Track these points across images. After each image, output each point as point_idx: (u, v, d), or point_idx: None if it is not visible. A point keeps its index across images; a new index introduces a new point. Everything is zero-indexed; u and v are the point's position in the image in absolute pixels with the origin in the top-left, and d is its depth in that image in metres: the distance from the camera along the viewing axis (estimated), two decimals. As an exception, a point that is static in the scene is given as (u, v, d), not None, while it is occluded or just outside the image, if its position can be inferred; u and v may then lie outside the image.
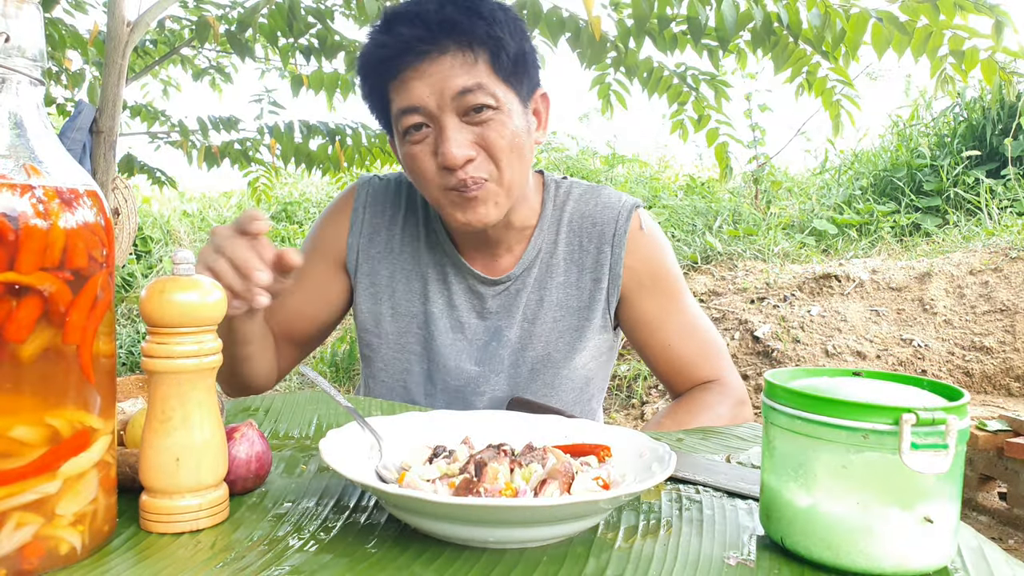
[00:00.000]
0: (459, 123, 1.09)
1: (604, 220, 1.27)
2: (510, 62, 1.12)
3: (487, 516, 0.57)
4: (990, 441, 2.66)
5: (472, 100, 1.08)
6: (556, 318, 1.26)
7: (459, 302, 1.26)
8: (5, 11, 0.54)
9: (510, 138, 1.11)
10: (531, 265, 1.26)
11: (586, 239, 1.27)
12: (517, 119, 1.13)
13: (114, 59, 2.72)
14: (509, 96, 1.12)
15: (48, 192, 0.54)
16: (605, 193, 1.30)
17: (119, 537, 0.61)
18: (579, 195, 1.30)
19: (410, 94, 1.09)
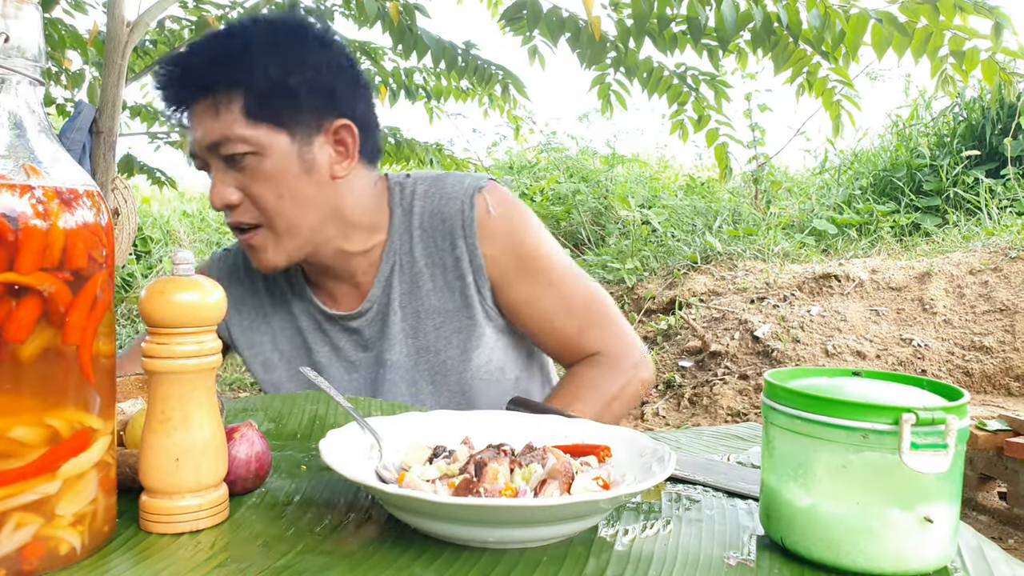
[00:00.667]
0: (224, 168, 1.10)
1: (450, 213, 1.19)
2: (264, 103, 1.07)
3: (487, 516, 0.57)
4: (990, 441, 2.66)
5: (223, 151, 1.08)
6: (437, 325, 1.21)
7: (341, 343, 1.24)
8: (5, 11, 0.54)
9: (275, 182, 1.09)
10: (389, 282, 1.21)
11: (439, 238, 1.20)
12: (284, 160, 1.09)
13: (114, 59, 2.72)
14: (271, 136, 1.08)
15: (48, 192, 0.54)
16: (449, 182, 1.23)
17: (119, 537, 0.61)
18: (424, 192, 1.23)
19: (190, 139, 1.12)
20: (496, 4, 3.16)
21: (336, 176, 1.14)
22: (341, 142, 1.15)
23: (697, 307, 4.42)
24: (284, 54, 1.10)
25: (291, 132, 1.09)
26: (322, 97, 1.12)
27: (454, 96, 3.54)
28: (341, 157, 1.15)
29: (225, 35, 1.15)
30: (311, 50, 1.13)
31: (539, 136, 7.88)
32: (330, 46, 1.16)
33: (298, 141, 1.10)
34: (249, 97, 1.07)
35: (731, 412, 3.61)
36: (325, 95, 1.12)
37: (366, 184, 1.20)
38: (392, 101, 3.36)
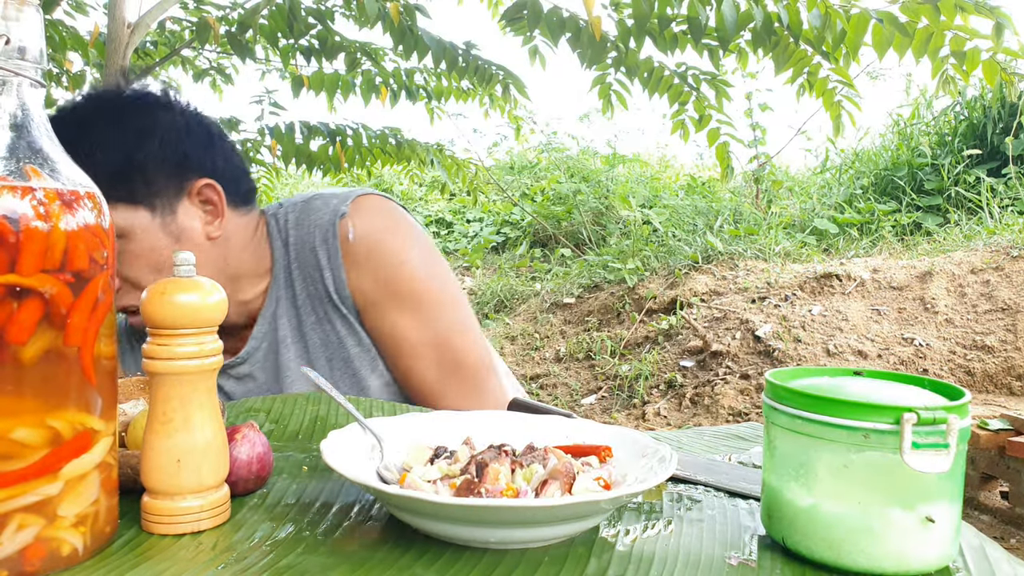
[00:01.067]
0: None
1: (315, 242, 1.13)
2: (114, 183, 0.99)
3: (488, 517, 0.57)
4: (992, 440, 2.66)
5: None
6: (328, 357, 1.16)
7: (237, 395, 1.19)
8: (5, 13, 0.54)
9: (146, 260, 1.04)
10: (275, 318, 1.16)
11: (311, 268, 1.13)
12: (149, 237, 1.04)
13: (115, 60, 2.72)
14: (130, 216, 1.03)
15: (49, 194, 0.54)
16: (315, 207, 1.15)
17: (121, 538, 0.61)
18: (294, 221, 1.16)
19: None
20: (496, 4, 3.17)
21: (211, 237, 1.09)
22: (208, 201, 1.10)
23: (698, 307, 4.42)
24: (125, 130, 1.05)
25: (150, 207, 1.04)
26: (174, 165, 1.06)
27: (455, 96, 3.54)
28: (212, 216, 1.10)
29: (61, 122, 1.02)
30: (154, 119, 1.07)
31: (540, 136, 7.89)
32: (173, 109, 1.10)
33: (159, 214, 1.05)
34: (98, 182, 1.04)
35: (732, 412, 3.61)
36: (176, 162, 1.07)
37: (246, 233, 1.14)
38: (393, 102, 3.36)
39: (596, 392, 4.16)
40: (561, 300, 5.20)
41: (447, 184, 4.10)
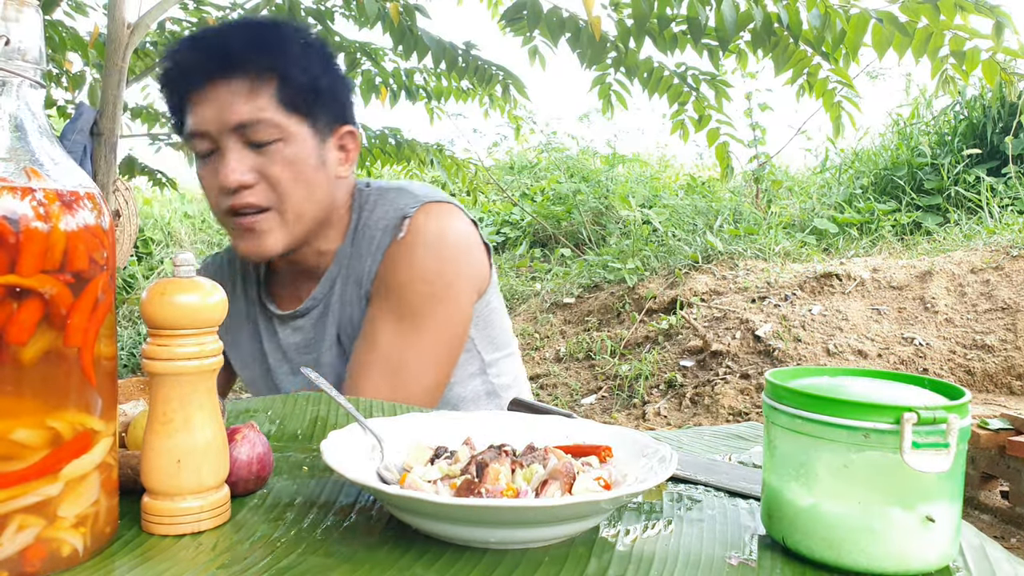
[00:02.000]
0: (240, 148, 1.10)
1: (377, 231, 1.20)
2: (298, 94, 1.12)
3: (489, 517, 0.57)
4: (992, 439, 2.66)
5: (253, 135, 1.09)
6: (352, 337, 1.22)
7: (285, 345, 1.26)
8: (5, 14, 0.54)
9: (294, 169, 1.11)
10: (333, 284, 1.23)
11: (365, 252, 1.21)
12: (305, 150, 1.13)
13: (114, 61, 2.72)
14: (296, 127, 1.12)
15: (48, 195, 0.54)
16: (390, 198, 1.23)
17: (121, 539, 0.61)
18: (372, 204, 1.24)
19: (196, 118, 1.11)
20: (496, 4, 3.17)
21: (339, 176, 1.19)
22: (343, 147, 1.20)
23: (698, 307, 4.42)
24: (315, 56, 1.15)
25: (313, 126, 1.14)
26: (339, 104, 1.18)
27: (454, 96, 3.54)
28: (343, 159, 1.20)
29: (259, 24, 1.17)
30: (332, 60, 1.19)
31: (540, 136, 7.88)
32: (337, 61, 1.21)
33: (317, 136, 1.15)
34: (284, 86, 1.10)
35: (732, 412, 3.61)
36: (341, 102, 1.19)
37: (347, 189, 1.23)
38: (392, 102, 3.36)
39: (596, 392, 4.16)
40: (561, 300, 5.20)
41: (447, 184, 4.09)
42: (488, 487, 0.62)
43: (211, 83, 1.10)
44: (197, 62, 1.11)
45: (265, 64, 1.10)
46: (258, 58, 1.10)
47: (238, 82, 1.09)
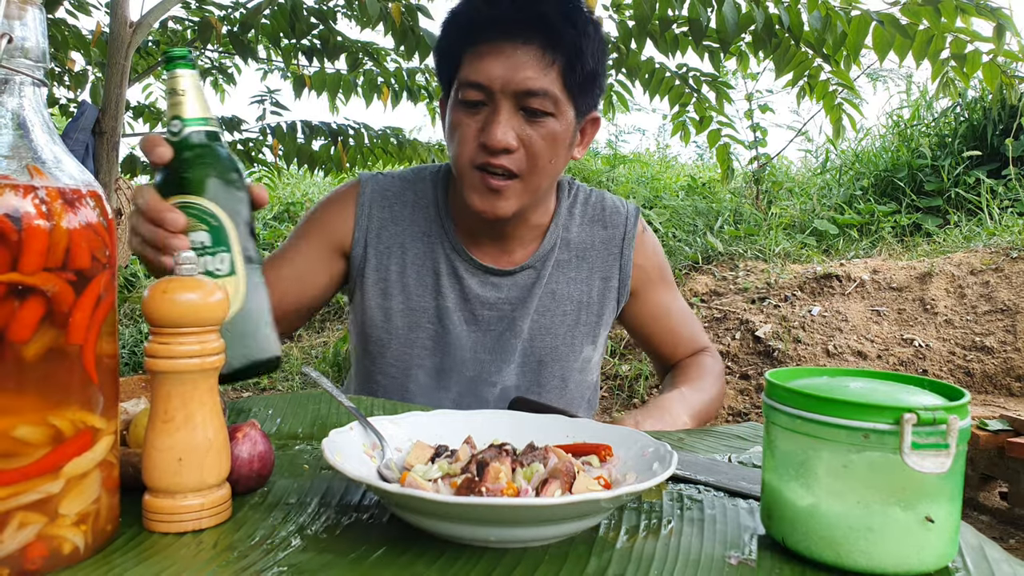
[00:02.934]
0: (513, 111, 1.11)
1: (614, 223, 1.33)
2: (582, 77, 1.14)
3: (489, 515, 0.57)
4: (991, 441, 2.66)
5: (534, 103, 1.11)
6: (566, 312, 1.30)
7: (472, 295, 1.27)
8: (8, 12, 0.54)
9: (553, 146, 1.14)
10: (546, 259, 1.29)
11: (598, 240, 1.32)
12: (567, 130, 1.16)
13: (117, 60, 2.73)
14: (567, 107, 1.14)
15: (51, 193, 0.54)
16: (608, 197, 1.37)
17: (122, 537, 0.61)
18: (585, 198, 1.35)
19: (480, 70, 1.11)
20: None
21: (574, 157, 1.24)
22: (584, 131, 1.24)
23: (698, 307, 4.42)
24: (600, 46, 1.18)
25: (577, 109, 1.17)
26: (599, 93, 1.22)
27: (456, 97, 3.54)
28: (580, 142, 1.24)
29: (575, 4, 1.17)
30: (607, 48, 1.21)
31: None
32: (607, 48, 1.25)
33: (577, 119, 1.18)
34: (573, 66, 1.12)
35: (732, 412, 3.61)
36: (600, 92, 1.23)
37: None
38: (394, 102, 3.36)
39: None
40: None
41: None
42: (489, 486, 0.62)
43: (510, 40, 1.10)
44: (501, 14, 1.11)
45: (568, 40, 1.11)
46: (563, 31, 1.11)
47: (536, 49, 1.10)
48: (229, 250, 0.81)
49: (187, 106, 0.82)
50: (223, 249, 0.81)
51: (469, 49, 1.13)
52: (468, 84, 1.11)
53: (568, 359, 1.30)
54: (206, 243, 0.81)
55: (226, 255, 0.81)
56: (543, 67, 1.10)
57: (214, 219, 0.81)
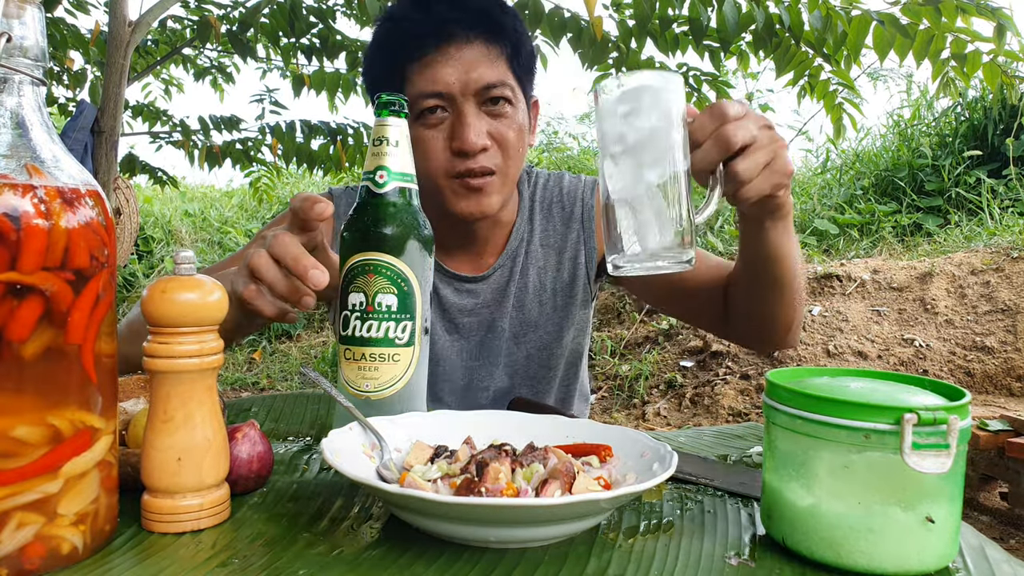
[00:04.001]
0: (478, 111, 1.10)
1: (571, 200, 1.32)
2: (525, 61, 1.15)
3: (489, 516, 0.57)
4: (991, 441, 2.66)
5: (496, 93, 1.10)
6: (543, 301, 1.29)
7: (448, 304, 1.27)
8: (7, 11, 0.54)
9: (518, 134, 1.14)
10: (514, 255, 1.29)
11: (559, 222, 1.31)
12: (523, 115, 1.16)
13: (116, 59, 2.72)
14: (519, 93, 1.15)
15: (50, 192, 0.54)
16: (566, 177, 1.36)
17: (121, 537, 0.61)
18: (544, 183, 1.34)
19: (434, 78, 1.09)
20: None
21: (530, 144, 1.22)
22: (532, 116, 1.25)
23: (698, 307, 4.42)
24: (524, 27, 1.18)
25: (525, 93, 1.18)
26: (532, 73, 1.22)
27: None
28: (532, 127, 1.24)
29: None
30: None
31: (541, 136, 7.88)
32: None
33: (526, 102, 1.19)
34: (516, 51, 1.13)
35: (732, 412, 3.61)
36: (533, 71, 1.22)
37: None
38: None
39: (596, 392, 4.16)
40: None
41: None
42: (488, 486, 0.62)
43: (454, 42, 1.09)
44: (434, 21, 1.10)
45: (508, 28, 1.12)
46: (503, 21, 1.11)
47: (481, 44, 1.10)
48: (413, 319, 0.80)
49: (395, 159, 0.80)
50: (408, 317, 0.80)
51: (412, 63, 1.10)
52: (425, 95, 1.09)
53: (552, 347, 1.29)
54: (393, 308, 0.79)
55: (409, 324, 0.80)
56: (492, 59, 1.10)
57: (406, 284, 0.79)
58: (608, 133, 0.77)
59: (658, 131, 0.75)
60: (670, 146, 0.75)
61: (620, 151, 0.76)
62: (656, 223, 0.75)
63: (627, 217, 0.75)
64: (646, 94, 0.76)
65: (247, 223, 7.59)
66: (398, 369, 0.80)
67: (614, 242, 0.76)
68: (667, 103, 0.75)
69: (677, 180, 0.74)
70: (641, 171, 0.75)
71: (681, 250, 0.75)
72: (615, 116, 0.76)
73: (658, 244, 0.74)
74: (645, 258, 0.75)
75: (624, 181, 0.76)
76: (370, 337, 0.78)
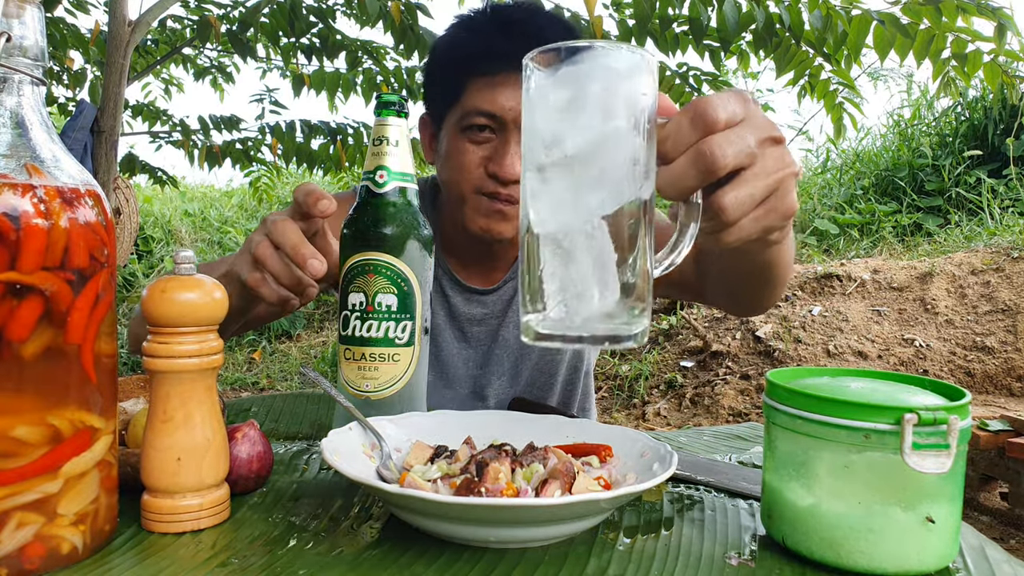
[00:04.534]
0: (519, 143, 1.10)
1: None
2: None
3: (488, 516, 0.57)
4: (991, 441, 2.66)
5: None
6: None
7: (458, 313, 1.27)
8: (7, 11, 0.54)
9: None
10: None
11: None
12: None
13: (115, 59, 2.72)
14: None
15: (49, 192, 0.54)
16: None
17: (120, 537, 0.61)
18: None
19: (492, 100, 1.08)
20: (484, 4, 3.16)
21: None
22: None
23: (698, 307, 4.42)
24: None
25: None
26: None
27: (456, 95, 3.54)
28: None
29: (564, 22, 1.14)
30: None
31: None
32: None
33: None
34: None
35: (732, 412, 3.61)
36: None
37: None
38: (394, 100, 3.35)
39: (596, 392, 4.16)
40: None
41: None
42: (488, 486, 0.62)
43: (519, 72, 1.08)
44: (510, 47, 1.06)
45: None
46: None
47: None
48: (413, 319, 0.80)
49: (394, 158, 0.81)
50: (408, 317, 0.80)
51: (477, 77, 1.10)
52: (478, 112, 1.09)
53: (560, 362, 1.30)
54: (392, 308, 0.79)
55: (409, 324, 0.80)
56: None
57: (406, 284, 0.80)
58: (536, 130, 0.54)
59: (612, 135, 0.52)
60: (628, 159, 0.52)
61: (551, 161, 0.53)
62: (596, 274, 0.51)
63: (554, 260, 0.52)
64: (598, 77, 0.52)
65: (247, 223, 7.59)
66: (398, 369, 0.80)
67: (532, 295, 0.53)
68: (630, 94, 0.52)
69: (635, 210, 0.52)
70: (581, 193, 0.52)
71: (630, 317, 0.52)
72: (548, 105, 0.54)
73: (597, 307, 0.51)
74: (575, 326, 0.52)
75: (554, 206, 0.53)
76: (370, 337, 0.79)
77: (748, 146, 0.56)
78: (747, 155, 0.56)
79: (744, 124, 0.56)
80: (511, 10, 1.14)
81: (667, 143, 0.55)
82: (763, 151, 0.57)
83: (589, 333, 0.52)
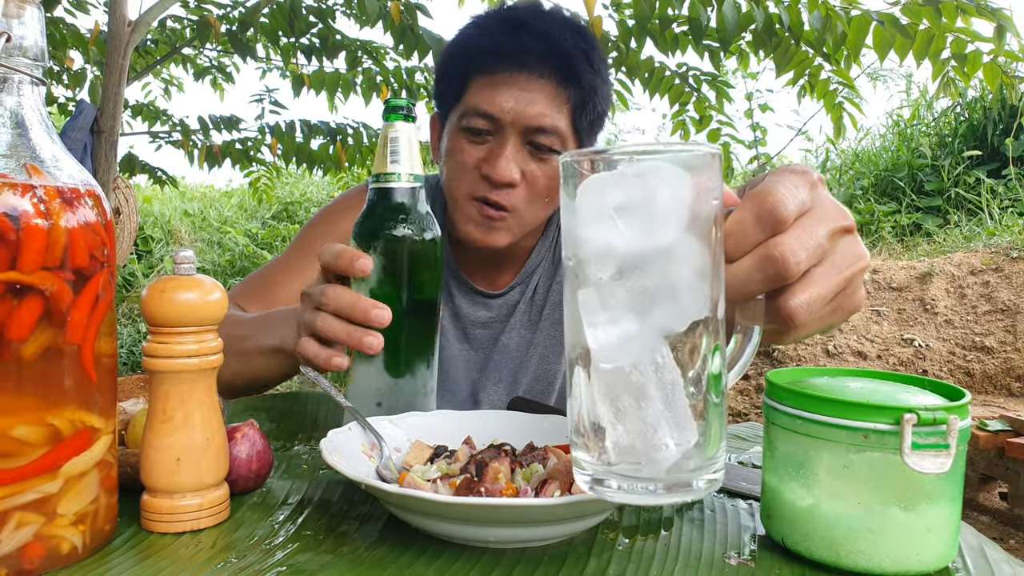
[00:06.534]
0: (519, 145, 1.08)
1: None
2: (592, 118, 1.11)
3: (488, 516, 0.57)
4: (991, 441, 2.66)
5: (542, 140, 1.07)
6: (554, 322, 1.27)
7: (463, 314, 1.27)
8: (6, 11, 0.54)
9: (554, 185, 1.10)
10: (530, 276, 1.28)
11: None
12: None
13: (115, 59, 2.72)
14: (572, 146, 1.11)
15: (49, 192, 0.54)
16: None
17: (120, 537, 0.61)
18: None
19: (491, 100, 1.07)
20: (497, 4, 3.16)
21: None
22: None
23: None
24: (609, 90, 1.15)
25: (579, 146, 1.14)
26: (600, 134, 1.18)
27: (455, 95, 3.54)
28: None
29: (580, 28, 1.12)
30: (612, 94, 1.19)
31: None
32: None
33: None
34: (584, 108, 1.09)
35: (732, 412, 3.61)
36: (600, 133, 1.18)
37: None
38: (393, 101, 3.35)
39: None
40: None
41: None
42: (488, 486, 0.62)
43: (525, 72, 1.06)
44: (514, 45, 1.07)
45: (585, 79, 1.08)
46: (581, 70, 1.07)
47: (551, 84, 1.06)
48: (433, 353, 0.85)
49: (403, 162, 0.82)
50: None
51: (479, 75, 1.09)
52: (477, 113, 1.08)
53: (554, 366, 1.29)
54: None
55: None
56: (556, 104, 1.07)
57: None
58: (588, 242, 0.45)
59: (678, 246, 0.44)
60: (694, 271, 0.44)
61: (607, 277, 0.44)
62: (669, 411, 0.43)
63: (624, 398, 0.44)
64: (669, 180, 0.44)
65: (247, 223, 7.59)
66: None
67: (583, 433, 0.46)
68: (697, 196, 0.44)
69: (706, 330, 0.44)
70: (649, 314, 0.43)
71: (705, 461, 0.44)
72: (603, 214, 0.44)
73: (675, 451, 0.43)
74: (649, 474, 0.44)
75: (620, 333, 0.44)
76: None
77: (820, 244, 0.50)
78: (818, 254, 0.51)
79: (813, 215, 0.50)
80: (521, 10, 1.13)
81: (729, 240, 0.49)
82: (834, 245, 0.52)
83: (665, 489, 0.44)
